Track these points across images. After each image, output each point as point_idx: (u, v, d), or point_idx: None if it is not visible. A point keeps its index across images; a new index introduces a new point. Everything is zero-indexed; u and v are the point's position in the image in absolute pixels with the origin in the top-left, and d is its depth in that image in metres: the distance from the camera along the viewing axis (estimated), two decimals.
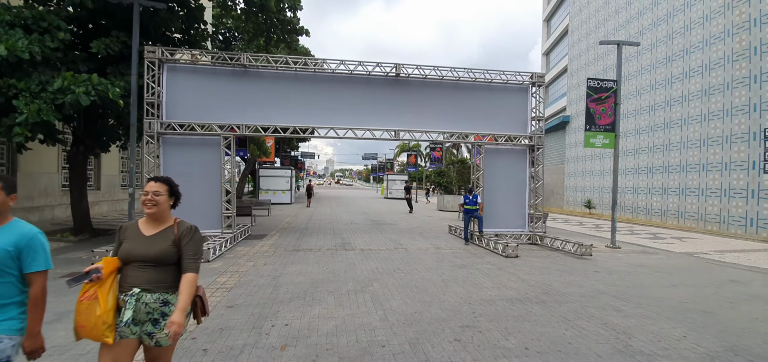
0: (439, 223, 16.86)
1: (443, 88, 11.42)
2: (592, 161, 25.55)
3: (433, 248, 10.22)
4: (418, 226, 15.46)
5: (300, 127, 10.56)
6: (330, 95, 10.88)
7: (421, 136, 11.28)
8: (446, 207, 25.15)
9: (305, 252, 9.29)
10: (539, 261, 8.72)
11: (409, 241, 11.33)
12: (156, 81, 9.85)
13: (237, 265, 7.69)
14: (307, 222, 15.91)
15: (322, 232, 12.93)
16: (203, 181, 10.29)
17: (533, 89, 11.76)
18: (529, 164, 11.82)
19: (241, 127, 10.25)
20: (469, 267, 7.94)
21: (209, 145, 10.33)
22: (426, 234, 13.19)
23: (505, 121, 11.68)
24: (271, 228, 13.69)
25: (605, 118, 11.67)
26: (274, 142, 29.11)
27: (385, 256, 8.93)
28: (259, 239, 11.22)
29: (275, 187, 28.21)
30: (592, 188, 25.38)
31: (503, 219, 11.63)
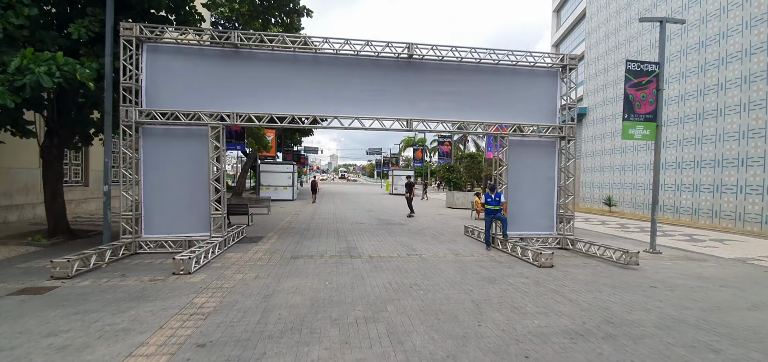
0: (451, 223, 15.54)
1: (462, 73, 10.05)
2: (612, 156, 24.06)
3: (451, 254, 8.90)
4: (429, 227, 14.14)
5: (299, 115, 9.25)
6: (334, 80, 9.55)
7: (437, 126, 9.93)
8: (456, 204, 23.81)
9: (305, 260, 8.02)
10: (580, 273, 7.38)
11: (423, 245, 10.03)
12: (134, 63, 8.57)
13: (222, 279, 6.42)
14: (309, 222, 14.65)
15: (325, 234, 11.65)
16: (189, 177, 9.04)
17: (564, 73, 10.37)
18: (559, 158, 10.45)
19: (231, 115, 8.96)
20: (499, 281, 6.63)
21: (195, 136, 9.06)
22: (440, 236, 11.88)
23: (532, 110, 10.30)
24: (270, 229, 12.44)
25: (646, 105, 10.27)
26: (275, 135, 27.87)
27: (398, 265, 7.63)
28: (254, 242, 9.97)
29: (276, 183, 26.99)
30: (612, 184, 23.91)
31: (529, 221, 10.29)
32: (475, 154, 29.26)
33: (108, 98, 8.54)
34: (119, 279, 6.43)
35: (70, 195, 15.14)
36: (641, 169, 21.39)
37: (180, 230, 9.02)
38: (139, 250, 8.64)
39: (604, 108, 25.39)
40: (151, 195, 8.92)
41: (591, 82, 27.01)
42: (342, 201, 27.48)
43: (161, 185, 8.96)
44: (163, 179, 8.97)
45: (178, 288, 5.92)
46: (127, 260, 7.97)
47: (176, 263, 6.74)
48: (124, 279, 6.43)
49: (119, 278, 6.49)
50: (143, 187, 8.87)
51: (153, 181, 8.92)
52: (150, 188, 8.91)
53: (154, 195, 8.93)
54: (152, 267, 7.31)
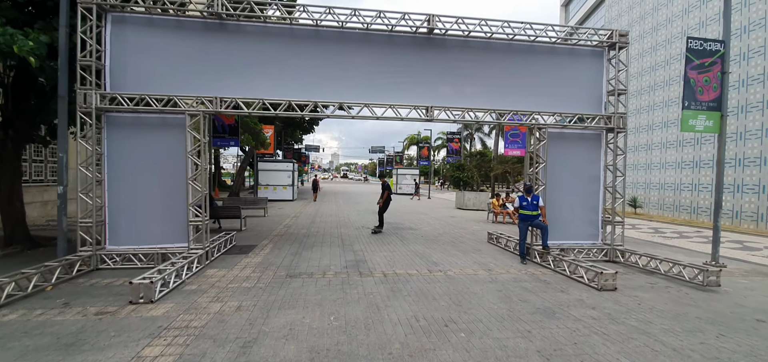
0: (467, 227, 13.93)
1: (490, 52, 8.43)
2: (637, 153, 22.39)
3: (483, 271, 7.29)
4: (444, 232, 12.53)
5: (297, 102, 7.64)
6: (338, 60, 7.94)
7: (463, 115, 8.30)
8: (467, 205, 22.20)
9: (303, 279, 6.42)
10: (655, 299, 5.77)
11: (444, 257, 8.43)
12: (94, 37, 6.98)
13: (193, 311, 4.83)
14: (310, 226, 13.05)
15: (328, 242, 10.06)
16: (164, 176, 7.45)
17: (611, 53, 8.74)
18: (605, 153, 8.83)
19: (214, 101, 7.36)
20: (559, 313, 5.02)
21: (171, 126, 7.47)
22: (460, 244, 10.27)
23: (572, 96, 8.67)
24: (265, 234, 10.86)
25: (709, 91, 8.62)
26: (273, 132, 26.28)
27: (421, 288, 6.03)
28: (244, 253, 8.38)
29: (276, 182, 25.42)
30: (636, 184, 22.24)
31: (568, 228, 8.67)
32: (485, 152, 27.65)
33: (62, 79, 6.96)
34: (58, 311, 4.86)
35: (48, 196, 13.63)
36: (670, 167, 19.74)
37: (153, 240, 7.44)
38: (100, 265, 7.07)
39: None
40: (117, 199, 7.34)
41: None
42: (344, 201, 25.90)
43: (129, 186, 7.38)
44: (131, 178, 7.39)
45: (130, 327, 4.34)
46: (82, 279, 6.41)
47: (134, 288, 5.16)
48: (65, 311, 4.86)
49: (59, 309, 4.92)
50: (108, 189, 7.29)
51: (119, 180, 7.34)
52: (116, 190, 7.33)
53: (121, 198, 7.35)
54: (109, 290, 5.74)
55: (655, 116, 20.97)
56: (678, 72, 18.83)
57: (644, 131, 22.00)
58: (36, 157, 13.47)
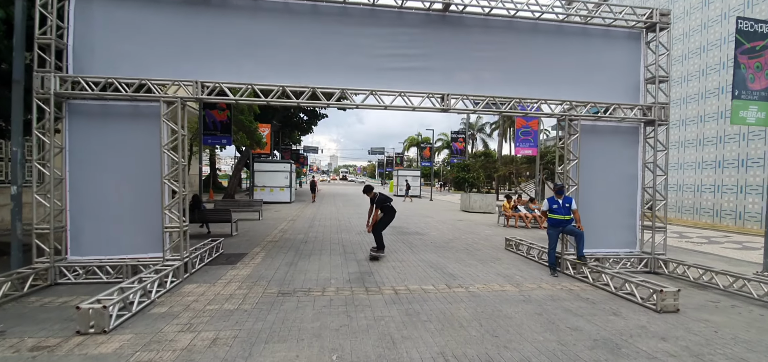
0: (477, 231, 12.85)
1: (514, 33, 7.37)
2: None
3: (510, 286, 6.21)
4: (455, 237, 11.46)
5: (292, 88, 6.55)
6: (340, 41, 6.87)
7: (481, 105, 7.21)
8: (473, 207, 21.12)
9: (298, 298, 5.33)
10: (731, 325, 4.70)
11: (461, 267, 7.35)
12: (54, 11, 5.90)
13: (153, 349, 3.74)
14: (308, 230, 11.96)
15: (328, 249, 8.96)
16: (135, 174, 6.38)
17: (650, 35, 7.70)
18: (643, 148, 7.78)
19: (196, 86, 6.27)
20: (626, 348, 3.93)
21: (145, 116, 6.39)
22: (476, 252, 9.19)
23: (606, 84, 7.62)
24: (258, 240, 9.77)
25: (761, 79, 7.60)
26: (270, 131, 25.21)
27: (442, 310, 4.95)
28: (231, 264, 7.29)
29: (272, 183, 24.28)
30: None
31: (603, 235, 7.60)
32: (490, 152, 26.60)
33: (17, 60, 5.89)
34: None
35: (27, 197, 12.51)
36: (688, 167, 18.71)
37: (122, 250, 6.35)
38: (60, 280, 5.97)
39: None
40: (80, 201, 6.25)
41: None
42: (344, 203, 24.81)
43: (95, 186, 6.29)
44: (97, 177, 6.30)
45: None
46: (35, 296, 5.33)
47: (82, 315, 4.06)
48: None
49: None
50: (69, 189, 6.20)
51: (83, 180, 6.26)
52: (79, 190, 6.24)
53: (85, 200, 6.26)
54: (61, 313, 4.66)
55: (679, 111, 19.69)
56: (714, 60, 17.62)
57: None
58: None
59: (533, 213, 14.71)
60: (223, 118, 14.15)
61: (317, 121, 37.65)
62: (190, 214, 10.65)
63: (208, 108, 13.88)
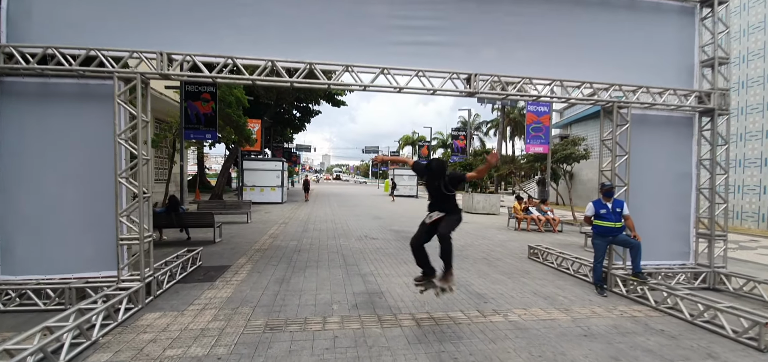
0: (489, 236, 11.67)
1: (552, 5, 6.15)
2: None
3: (557, 311, 5.00)
4: (467, 243, 10.26)
5: (284, 64, 5.26)
6: (344, 8, 5.59)
7: (513, 88, 5.98)
8: (476, 208, 19.98)
9: (292, 334, 4.05)
10: None
11: (488, 284, 6.13)
12: None
13: None
14: (301, 235, 10.65)
15: (325, 259, 7.68)
16: (84, 172, 5.03)
17: (705, 11, 6.56)
18: (698, 142, 6.64)
19: (160, 58, 4.95)
20: None
21: (95, 98, 5.05)
22: (495, 260, 7.99)
23: (655, 68, 6.45)
24: (244, 249, 8.45)
25: None
26: (260, 127, 23.81)
27: (489, 355, 3.72)
28: (209, 281, 5.97)
29: (263, 183, 22.87)
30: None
31: (651, 245, 6.36)
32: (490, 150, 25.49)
33: None
34: None
35: None
36: (750, 165, 16.52)
37: (68, 267, 5.00)
38: None
39: None
40: (13, 206, 4.90)
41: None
42: (339, 204, 23.49)
43: (33, 186, 4.95)
44: (35, 176, 4.95)
45: None
46: None
47: None
48: None
49: None
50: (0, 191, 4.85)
51: (17, 179, 4.91)
52: (12, 192, 4.90)
53: (20, 204, 4.92)
54: None
55: (737, 98, 17.83)
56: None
57: None
58: None
59: (546, 216, 13.59)
60: (208, 110, 12.75)
61: (310, 117, 36.28)
62: (166, 218, 9.33)
63: (190, 99, 12.49)
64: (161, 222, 9.20)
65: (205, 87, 12.61)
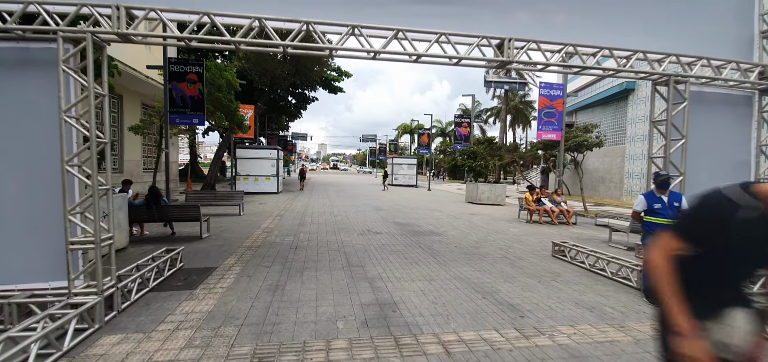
0: (502, 229, 10.78)
1: None
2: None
3: (614, 331, 4.10)
4: (481, 239, 9.36)
5: (275, 23, 4.25)
6: None
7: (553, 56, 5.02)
8: (481, 199, 19.11)
9: None
10: None
11: (518, 291, 5.24)
12: None
13: None
14: (298, 229, 9.71)
15: (326, 259, 6.76)
16: (23, 159, 4.03)
17: None
18: (759, 125, 5.73)
19: (117, 14, 3.92)
20: None
21: (35, 65, 4.02)
22: (516, 259, 7.10)
23: (712, 38, 5.51)
24: (233, 246, 7.50)
25: None
26: (253, 113, 22.70)
27: None
28: (188, 290, 5.03)
29: (257, 172, 21.88)
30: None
31: None
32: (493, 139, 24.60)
33: None
34: None
35: None
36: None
37: (7, 278, 4.03)
38: None
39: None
40: None
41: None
42: (337, 194, 22.54)
43: None
44: None
45: None
46: None
47: None
48: None
49: None
50: None
51: None
52: None
53: None
54: None
55: None
56: None
57: None
58: None
59: (560, 207, 12.72)
60: (195, 92, 11.67)
61: (307, 104, 35.12)
62: (147, 212, 8.34)
63: (175, 80, 11.39)
64: (141, 217, 8.21)
65: (191, 67, 11.52)
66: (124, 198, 7.34)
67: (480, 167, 19.54)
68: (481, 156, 19.80)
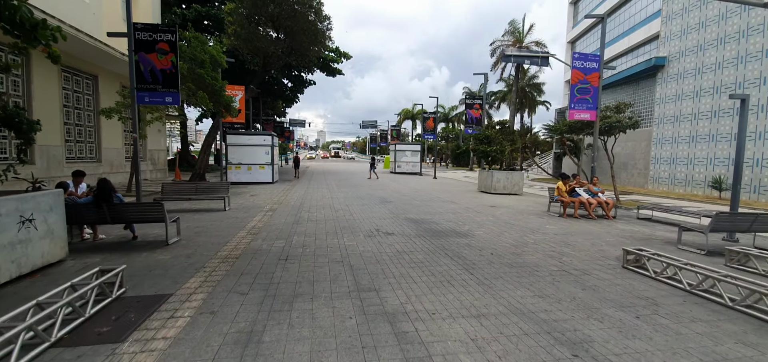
0: (535, 225, 8.99)
1: None
2: (720, 120, 17.67)
3: None
4: (518, 241, 7.57)
5: None
6: None
7: None
8: (496, 188, 17.30)
9: None
10: None
11: (620, 342, 3.45)
12: None
13: None
14: (291, 230, 7.92)
15: (325, 278, 4.96)
16: None
17: None
18: None
19: None
20: None
21: None
22: (583, 277, 5.32)
23: None
24: (205, 256, 5.71)
25: None
26: (244, 95, 20.75)
27: None
28: (114, 339, 3.23)
29: (250, 160, 20.04)
30: (717, 160, 17.64)
31: None
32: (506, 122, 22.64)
33: None
34: None
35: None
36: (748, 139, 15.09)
37: None
38: None
39: (701, 55, 18.87)
40: None
41: (676, 20, 20.31)
42: (338, 184, 20.71)
43: None
44: None
45: None
46: None
47: None
48: None
49: None
50: None
51: None
52: None
53: None
54: None
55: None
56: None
57: (730, 91, 17.24)
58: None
59: (598, 198, 10.92)
60: (166, 65, 9.70)
61: (303, 88, 33.11)
62: (96, 211, 6.52)
63: (143, 50, 9.43)
64: (87, 218, 6.39)
65: (161, 34, 9.54)
66: (57, 197, 5.50)
67: (495, 153, 17.67)
68: (496, 141, 17.91)
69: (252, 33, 21.03)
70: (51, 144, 13.83)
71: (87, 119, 16.14)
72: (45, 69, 13.30)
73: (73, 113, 15.31)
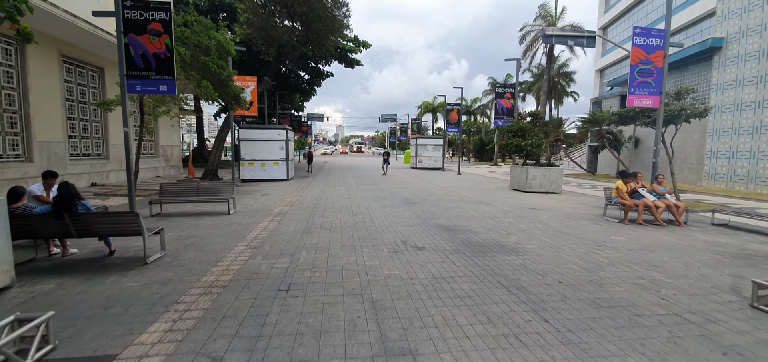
0: (592, 235, 7.29)
1: None
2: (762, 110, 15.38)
3: None
4: (588, 262, 5.93)
5: None
6: None
7: None
8: (531, 186, 15.51)
9: None
10: None
11: None
12: None
13: None
14: (300, 241, 6.53)
15: (340, 327, 3.52)
16: None
17: None
18: None
19: None
20: None
21: None
22: (703, 323, 3.69)
23: None
24: (186, 283, 4.37)
25: None
26: (256, 87, 19.55)
27: None
28: None
29: (263, 156, 18.86)
30: (753, 153, 15.35)
31: None
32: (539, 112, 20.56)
33: None
34: None
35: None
36: None
37: None
38: None
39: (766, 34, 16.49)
40: None
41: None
42: (356, 180, 19.33)
43: None
44: None
45: None
46: None
47: None
48: None
49: None
50: None
51: None
52: None
53: None
54: None
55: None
56: None
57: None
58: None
59: (665, 201, 9.10)
60: (160, 48, 8.45)
61: (321, 80, 31.81)
62: (56, 222, 5.26)
63: (133, 31, 8.20)
64: (46, 231, 5.15)
65: (153, 13, 8.29)
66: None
67: (531, 147, 15.85)
68: (531, 133, 16.08)
69: (265, 21, 19.80)
70: (52, 140, 12.92)
71: (93, 114, 15.25)
72: (43, 59, 12.36)
73: (77, 107, 14.40)
